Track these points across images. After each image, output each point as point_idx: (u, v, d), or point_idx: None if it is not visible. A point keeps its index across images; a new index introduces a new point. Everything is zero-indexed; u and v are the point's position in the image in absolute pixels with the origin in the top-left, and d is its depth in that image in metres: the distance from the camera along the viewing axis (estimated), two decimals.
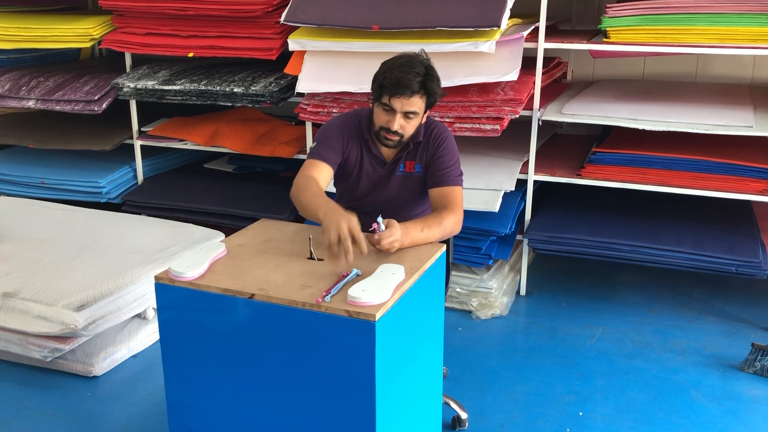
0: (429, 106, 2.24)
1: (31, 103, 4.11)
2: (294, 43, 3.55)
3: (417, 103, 2.18)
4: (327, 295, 1.74)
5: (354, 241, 1.86)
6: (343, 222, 1.87)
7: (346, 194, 2.46)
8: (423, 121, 2.30)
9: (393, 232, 1.98)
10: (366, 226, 2.06)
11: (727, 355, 3.05)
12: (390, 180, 2.36)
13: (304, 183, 2.17)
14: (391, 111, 2.19)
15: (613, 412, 2.64)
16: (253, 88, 3.68)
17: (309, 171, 2.23)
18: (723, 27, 3.14)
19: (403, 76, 2.13)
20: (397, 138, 2.24)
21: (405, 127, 2.21)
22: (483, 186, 3.41)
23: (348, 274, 1.84)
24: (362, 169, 2.36)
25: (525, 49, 3.31)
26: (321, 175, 2.23)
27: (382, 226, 1.97)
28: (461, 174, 2.33)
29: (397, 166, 2.34)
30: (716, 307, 3.51)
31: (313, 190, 2.13)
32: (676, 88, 3.94)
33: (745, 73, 4.10)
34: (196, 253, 1.97)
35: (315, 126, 3.72)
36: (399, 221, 2.11)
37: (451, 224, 2.17)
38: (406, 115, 2.19)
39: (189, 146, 4.11)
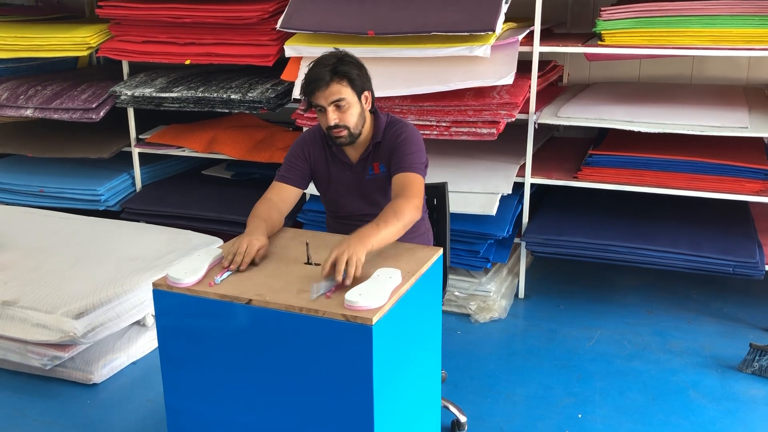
0: (360, 90, 2.22)
1: (29, 112, 4.12)
2: (290, 50, 3.56)
3: (340, 90, 2.17)
4: (219, 277, 1.88)
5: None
6: (245, 240, 2.01)
7: (327, 203, 2.49)
8: (367, 107, 2.27)
9: (341, 259, 1.83)
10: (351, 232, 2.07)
11: (726, 355, 3.06)
12: (361, 183, 2.37)
13: (259, 204, 2.29)
14: (323, 109, 2.21)
15: (612, 414, 2.64)
16: (250, 95, 3.69)
17: (269, 193, 2.34)
18: (717, 29, 3.15)
19: (312, 73, 2.18)
20: (344, 132, 2.23)
21: (343, 117, 2.21)
22: (480, 189, 3.41)
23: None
24: (331, 176, 2.39)
25: (520, 53, 3.32)
26: (281, 196, 2.33)
27: (321, 288, 1.81)
28: (423, 163, 2.28)
29: (364, 168, 2.35)
30: (714, 308, 3.52)
31: (258, 213, 2.24)
32: (671, 90, 3.95)
33: (740, 75, 4.11)
34: (193, 259, 1.98)
35: None
36: None
37: (409, 212, 2.09)
38: (337, 105, 2.19)
39: (187, 153, 4.12)
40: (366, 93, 2.26)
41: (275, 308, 1.76)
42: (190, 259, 1.99)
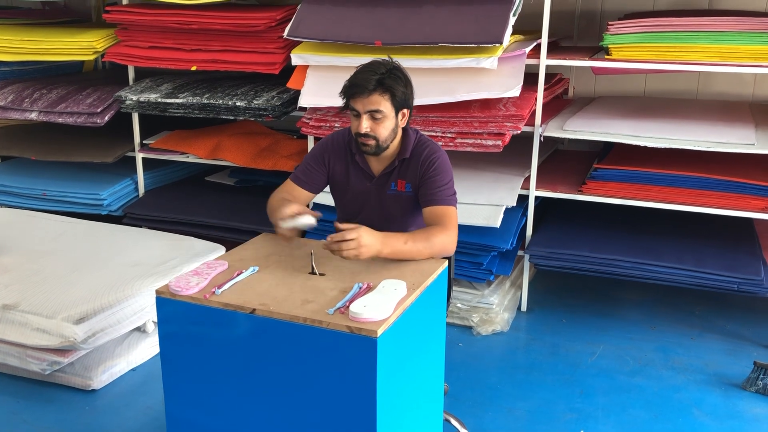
0: (399, 107, 2.20)
1: (33, 115, 4.12)
2: (297, 58, 3.56)
3: (379, 102, 2.15)
4: (218, 288, 1.85)
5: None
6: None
7: (341, 210, 2.48)
8: (401, 125, 2.26)
9: (345, 236, 1.97)
10: None
11: (729, 373, 3.04)
12: (380, 197, 2.35)
13: (275, 202, 2.29)
14: (358, 114, 2.19)
15: (614, 430, 2.62)
16: (256, 102, 3.69)
17: (281, 193, 2.35)
18: (724, 45, 3.15)
19: (359, 77, 2.17)
20: (372, 142, 2.21)
21: (375, 128, 2.19)
22: (484, 201, 3.41)
23: (243, 272, 1.98)
24: (350, 184, 2.37)
25: (527, 66, 3.32)
26: (293, 195, 2.35)
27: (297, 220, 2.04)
28: (455, 194, 2.29)
29: (386, 182, 2.33)
30: (718, 325, 3.50)
31: (278, 198, 2.28)
32: (677, 105, 3.95)
33: (746, 91, 4.11)
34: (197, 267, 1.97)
35: (317, 140, 3.73)
36: None
37: (441, 242, 2.13)
38: (372, 116, 2.17)
39: (191, 159, 4.12)
40: (404, 110, 2.24)
41: (279, 318, 1.75)
42: (193, 266, 1.97)
